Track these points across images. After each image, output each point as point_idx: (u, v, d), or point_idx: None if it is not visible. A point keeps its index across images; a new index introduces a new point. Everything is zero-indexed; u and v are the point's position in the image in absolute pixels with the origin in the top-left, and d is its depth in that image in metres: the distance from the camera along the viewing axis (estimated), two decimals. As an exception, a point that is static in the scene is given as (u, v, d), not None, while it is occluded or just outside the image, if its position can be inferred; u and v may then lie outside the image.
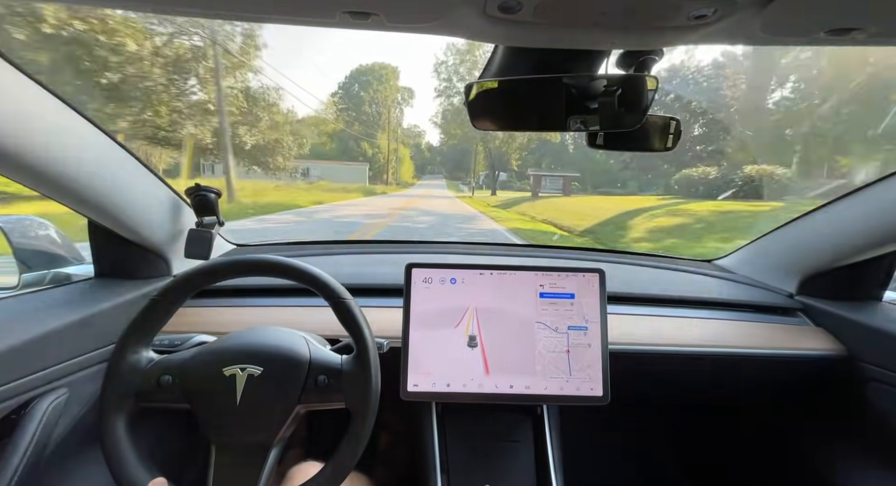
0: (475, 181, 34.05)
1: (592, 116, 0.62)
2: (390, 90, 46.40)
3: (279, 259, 0.65)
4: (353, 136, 42.26)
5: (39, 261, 0.91)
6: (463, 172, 48.15)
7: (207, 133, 12.52)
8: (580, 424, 1.07)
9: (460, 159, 48.06)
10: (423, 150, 68.07)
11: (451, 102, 33.99)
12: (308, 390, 0.61)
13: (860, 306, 0.98)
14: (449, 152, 54.06)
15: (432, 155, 70.00)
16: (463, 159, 45.93)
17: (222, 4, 0.41)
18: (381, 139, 42.65)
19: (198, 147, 12.80)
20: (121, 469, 0.56)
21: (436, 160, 67.77)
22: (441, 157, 63.54)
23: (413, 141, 65.68)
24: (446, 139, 49.91)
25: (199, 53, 12.27)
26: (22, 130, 0.59)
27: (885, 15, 0.39)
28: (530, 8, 0.39)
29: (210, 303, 0.98)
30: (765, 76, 15.36)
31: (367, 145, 42.26)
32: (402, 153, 48.43)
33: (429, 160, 69.27)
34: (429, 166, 68.63)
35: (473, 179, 35.25)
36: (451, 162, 55.10)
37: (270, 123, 15.41)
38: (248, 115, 14.38)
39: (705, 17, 0.39)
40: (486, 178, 34.67)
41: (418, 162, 64.12)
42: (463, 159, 45.93)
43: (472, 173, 36.54)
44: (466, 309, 0.80)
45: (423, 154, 67.83)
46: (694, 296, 1.08)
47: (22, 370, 0.65)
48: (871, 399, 0.90)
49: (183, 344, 0.78)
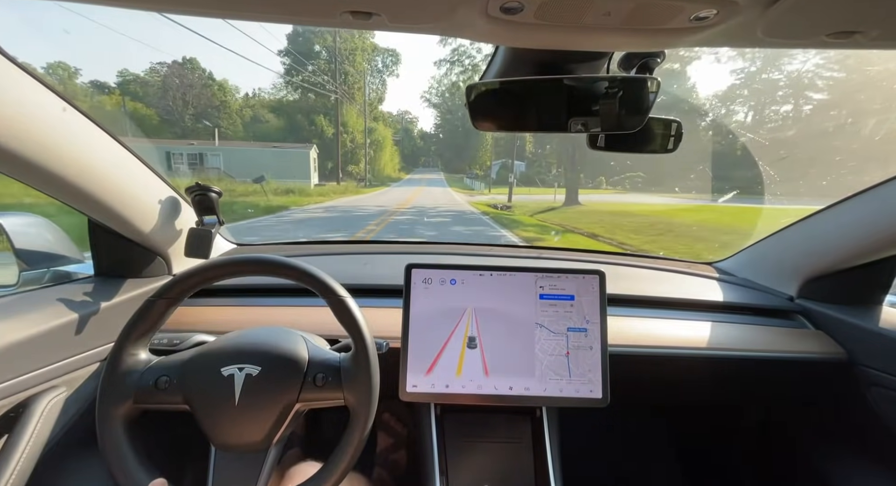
0: (480, 174, 26.83)
1: (594, 117, 0.62)
2: (362, 48, 34.96)
3: (278, 258, 0.65)
4: (303, 108, 29.27)
5: (39, 259, 0.91)
6: (464, 162, 39.78)
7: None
8: (579, 425, 1.07)
9: (461, 147, 39.45)
10: (416, 137, 59.27)
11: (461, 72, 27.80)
12: (307, 389, 0.61)
13: (860, 309, 0.98)
14: (448, 138, 44.29)
15: (426, 144, 60.54)
16: (465, 147, 37.23)
17: (223, 4, 0.41)
18: (350, 115, 30.37)
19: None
20: (119, 470, 0.56)
21: (430, 150, 58.56)
22: (437, 145, 53.93)
23: (402, 125, 55.71)
24: (443, 123, 41.84)
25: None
26: (22, 127, 0.59)
27: (888, 18, 0.39)
28: (532, 9, 0.39)
29: (210, 302, 0.98)
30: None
31: (323, 122, 29.39)
32: (382, 135, 35.12)
33: (422, 150, 60.04)
34: (422, 158, 59.71)
35: (479, 171, 28.87)
36: (450, 150, 46.19)
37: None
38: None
39: (707, 19, 0.39)
40: (496, 171, 28.70)
41: (408, 151, 54.26)
42: (465, 147, 37.23)
43: (475, 164, 28.80)
44: (466, 310, 0.80)
45: (415, 142, 58.61)
46: (694, 298, 1.08)
47: (21, 368, 0.65)
48: (871, 403, 0.90)
49: (182, 343, 0.78)
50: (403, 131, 55.32)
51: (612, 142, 0.73)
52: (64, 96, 0.65)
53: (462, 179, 34.74)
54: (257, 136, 28.88)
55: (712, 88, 24.00)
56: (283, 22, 0.44)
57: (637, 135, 0.63)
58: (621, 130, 0.64)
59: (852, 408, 0.96)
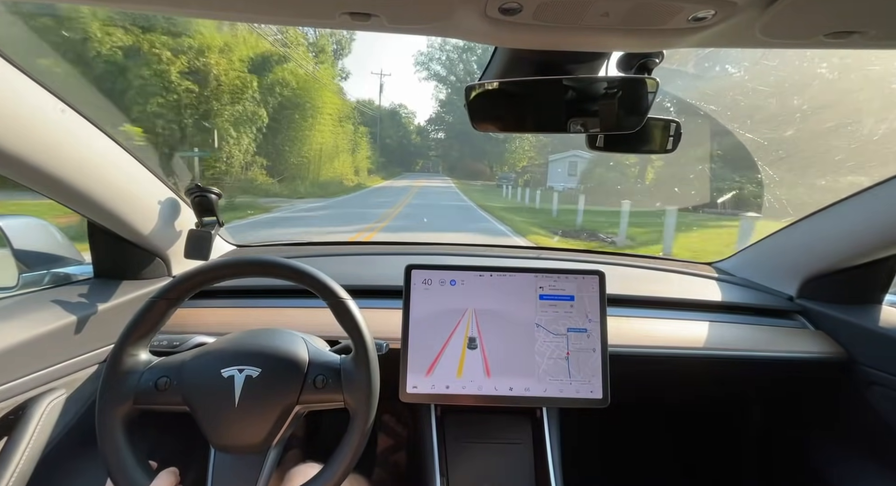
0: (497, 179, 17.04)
1: (593, 118, 0.62)
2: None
3: (277, 260, 0.65)
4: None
5: (39, 261, 0.91)
6: (483, 163, 24.76)
7: None
8: (580, 426, 1.07)
9: (482, 138, 21.60)
10: (411, 131, 43.09)
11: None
12: (307, 390, 0.61)
13: (860, 309, 0.98)
14: (459, 126, 25.83)
15: (423, 140, 42.49)
16: (487, 137, 21.11)
17: (222, 4, 0.41)
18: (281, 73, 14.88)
19: None
20: (119, 471, 0.56)
21: (428, 151, 41.19)
22: (439, 144, 35.78)
23: (398, 119, 39.89)
24: (448, 105, 25.03)
25: None
26: (21, 129, 0.59)
27: (886, 18, 0.39)
28: (531, 10, 0.39)
29: (210, 304, 0.98)
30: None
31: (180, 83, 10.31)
32: (308, 82, 16.72)
33: (418, 149, 42.38)
34: (418, 161, 42.32)
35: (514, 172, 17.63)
36: (464, 148, 28.74)
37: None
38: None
39: (705, 19, 0.39)
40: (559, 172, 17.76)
41: (399, 156, 37.75)
42: (487, 137, 21.11)
43: (503, 165, 16.27)
44: (466, 311, 0.80)
45: (411, 139, 41.62)
46: (694, 299, 1.08)
47: (20, 370, 0.65)
48: (871, 402, 0.90)
49: (182, 345, 0.77)
50: (396, 125, 40.59)
51: (612, 142, 0.73)
52: (63, 98, 0.65)
53: (489, 187, 21.86)
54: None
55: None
56: (281, 23, 0.44)
57: (636, 135, 0.64)
58: (620, 131, 0.64)
59: (852, 407, 0.96)
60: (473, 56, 21.33)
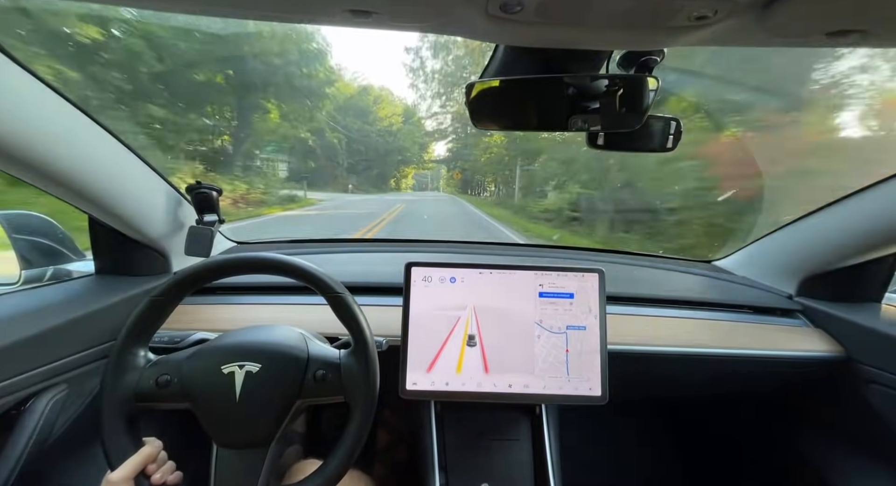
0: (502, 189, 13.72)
1: (593, 115, 0.62)
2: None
3: (277, 256, 0.65)
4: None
5: (40, 257, 0.91)
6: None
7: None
8: (578, 423, 1.07)
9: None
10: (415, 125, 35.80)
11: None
12: (307, 385, 0.61)
13: (859, 307, 0.98)
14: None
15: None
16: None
17: (222, 3, 0.41)
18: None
19: None
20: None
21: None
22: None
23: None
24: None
25: None
26: (24, 126, 0.59)
27: (887, 17, 0.39)
28: (531, 8, 0.39)
29: (210, 300, 0.98)
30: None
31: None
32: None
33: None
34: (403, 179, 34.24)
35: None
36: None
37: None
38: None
39: (706, 18, 0.39)
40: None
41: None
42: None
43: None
44: (466, 308, 0.80)
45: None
46: (693, 297, 1.08)
47: (22, 366, 0.65)
48: (870, 401, 0.90)
49: (182, 341, 0.78)
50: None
51: (612, 140, 0.73)
52: (64, 93, 0.65)
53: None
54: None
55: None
56: (282, 20, 0.44)
57: (637, 133, 0.63)
58: (621, 129, 0.64)
59: (851, 406, 0.96)
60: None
